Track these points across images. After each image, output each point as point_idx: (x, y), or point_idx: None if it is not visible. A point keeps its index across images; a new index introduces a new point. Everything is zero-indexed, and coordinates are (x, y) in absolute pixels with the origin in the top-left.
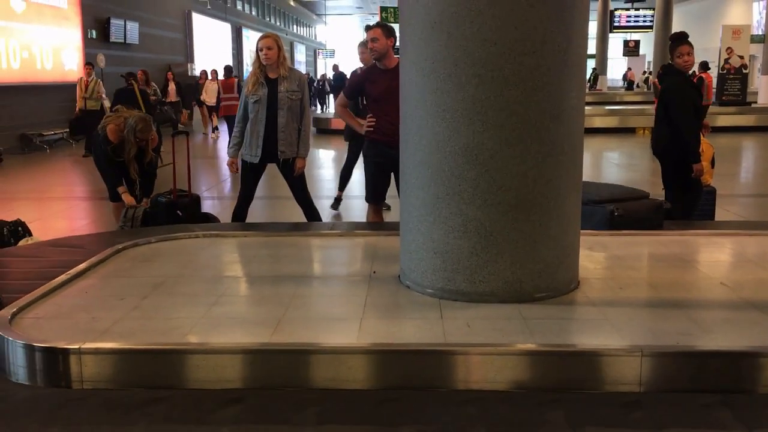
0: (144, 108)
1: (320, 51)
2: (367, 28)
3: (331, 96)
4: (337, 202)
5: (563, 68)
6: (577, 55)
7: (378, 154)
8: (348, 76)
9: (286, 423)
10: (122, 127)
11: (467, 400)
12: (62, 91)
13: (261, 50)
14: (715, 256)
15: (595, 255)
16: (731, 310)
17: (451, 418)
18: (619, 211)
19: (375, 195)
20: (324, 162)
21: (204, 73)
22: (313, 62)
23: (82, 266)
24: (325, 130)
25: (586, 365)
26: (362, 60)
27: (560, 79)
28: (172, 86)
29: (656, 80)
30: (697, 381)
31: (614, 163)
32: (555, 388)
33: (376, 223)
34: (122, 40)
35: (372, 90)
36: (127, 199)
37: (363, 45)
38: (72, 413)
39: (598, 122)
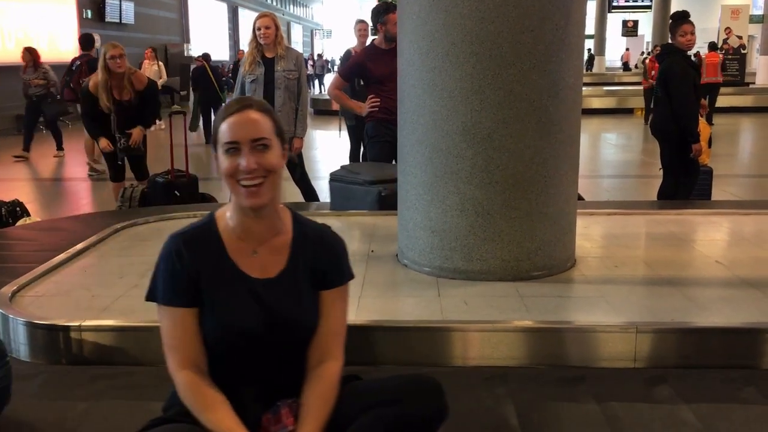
0: (217, 86)
1: (317, 31)
2: (384, 9)
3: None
4: None
5: (561, 47)
6: (575, 34)
7: (387, 133)
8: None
9: None
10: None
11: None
12: (58, 71)
13: (259, 29)
14: (710, 235)
15: (592, 234)
16: (726, 287)
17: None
18: (386, 192)
19: None
20: (322, 143)
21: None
22: (310, 43)
23: (81, 245)
24: (323, 111)
25: (582, 342)
26: (362, 38)
27: (558, 58)
28: (150, 67)
29: (649, 60)
30: (691, 357)
31: (612, 144)
32: (551, 364)
33: None
34: (118, 20)
35: (375, 70)
36: (103, 143)
37: (362, 22)
38: (72, 389)
39: (597, 103)
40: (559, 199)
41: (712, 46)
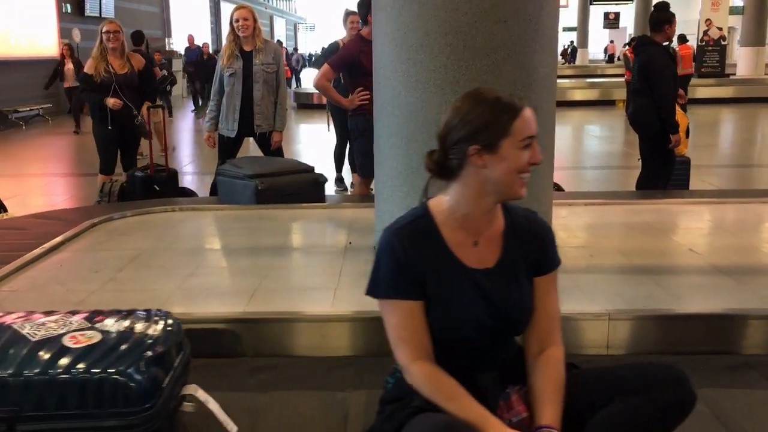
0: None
1: (300, 25)
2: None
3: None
4: (340, 182)
5: (534, 37)
6: (549, 26)
7: None
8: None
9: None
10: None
11: None
12: (38, 66)
13: (237, 21)
14: (686, 224)
15: (570, 224)
16: (699, 275)
17: None
18: (263, 186)
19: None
20: (303, 137)
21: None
22: (293, 36)
23: (57, 240)
24: (306, 105)
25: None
26: (353, 30)
27: (532, 49)
28: (69, 65)
29: (628, 52)
30: (664, 344)
31: (594, 135)
32: None
33: (358, 195)
34: (98, 14)
35: (367, 63)
36: (111, 101)
37: (354, 14)
38: None
39: (579, 95)
40: (534, 189)
41: (682, 38)
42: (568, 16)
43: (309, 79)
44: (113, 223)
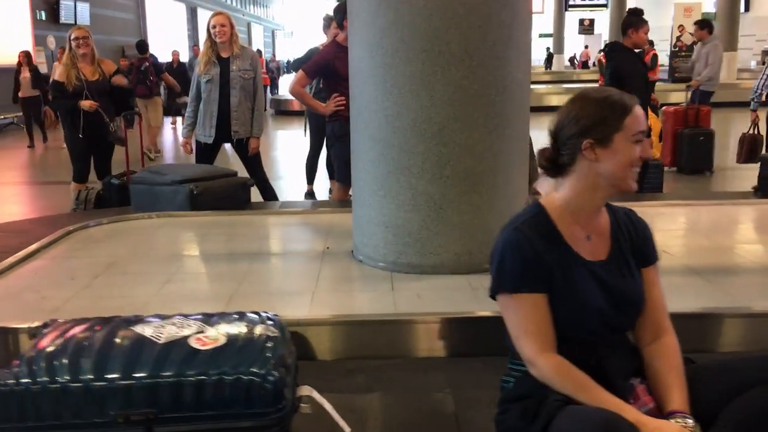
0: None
1: (278, 32)
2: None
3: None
4: (311, 195)
5: (509, 43)
6: (522, 31)
7: None
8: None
9: None
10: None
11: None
12: (11, 74)
13: (214, 27)
14: (660, 226)
15: None
16: (672, 275)
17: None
18: (198, 190)
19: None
20: (282, 143)
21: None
22: (271, 44)
23: (32, 248)
24: (284, 111)
25: None
26: (333, 35)
27: (506, 54)
28: (25, 74)
29: (602, 58)
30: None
31: None
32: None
33: (336, 200)
34: (72, 21)
35: (342, 68)
36: (86, 103)
37: (332, 19)
38: None
39: (555, 100)
40: (509, 192)
41: (650, 44)
42: (544, 22)
43: (286, 86)
44: (89, 231)
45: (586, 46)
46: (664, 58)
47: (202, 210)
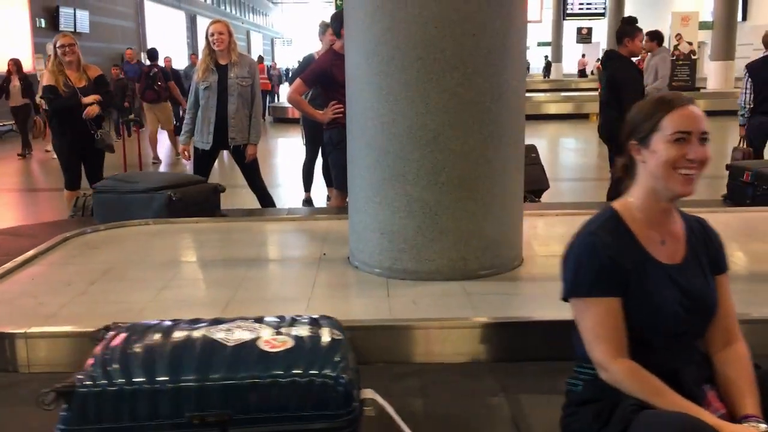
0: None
1: (277, 39)
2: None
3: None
4: (308, 202)
5: (503, 51)
6: (517, 39)
7: None
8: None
9: None
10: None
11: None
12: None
13: (212, 35)
14: None
15: (540, 234)
16: None
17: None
18: (176, 196)
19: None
20: (280, 151)
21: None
22: (270, 51)
23: (29, 254)
24: (281, 119)
25: (522, 336)
26: (329, 42)
27: (501, 62)
28: (15, 83)
29: (599, 65)
30: None
31: (568, 149)
32: (494, 359)
33: (333, 207)
34: (72, 29)
35: (339, 75)
36: (91, 110)
37: (327, 26)
38: (18, 397)
39: (554, 108)
40: (504, 199)
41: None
42: (543, 31)
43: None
44: (86, 237)
45: (583, 55)
46: None
47: (179, 216)
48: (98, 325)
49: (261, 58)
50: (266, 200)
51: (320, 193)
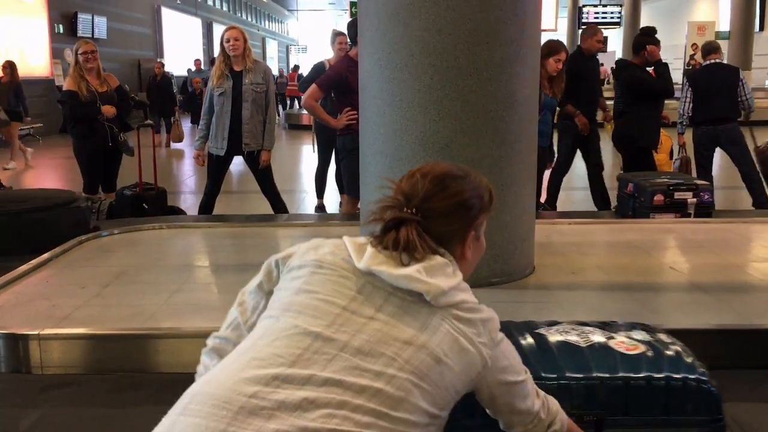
0: None
1: (292, 47)
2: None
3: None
4: (321, 209)
5: (516, 59)
6: (530, 47)
7: None
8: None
9: None
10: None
11: None
12: (28, 86)
13: (228, 41)
14: (667, 243)
15: (553, 242)
16: (678, 292)
17: None
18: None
19: None
20: (294, 157)
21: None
22: (285, 58)
23: (44, 256)
24: (294, 126)
25: None
26: (341, 51)
27: (514, 70)
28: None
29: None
30: None
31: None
32: None
33: (345, 213)
34: (90, 35)
35: (354, 82)
36: (106, 108)
37: (342, 35)
38: (32, 398)
39: None
40: (516, 207)
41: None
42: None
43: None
44: (101, 240)
45: (602, 64)
46: (678, 76)
47: None
48: (111, 327)
49: (296, 67)
50: (279, 206)
51: (334, 200)
